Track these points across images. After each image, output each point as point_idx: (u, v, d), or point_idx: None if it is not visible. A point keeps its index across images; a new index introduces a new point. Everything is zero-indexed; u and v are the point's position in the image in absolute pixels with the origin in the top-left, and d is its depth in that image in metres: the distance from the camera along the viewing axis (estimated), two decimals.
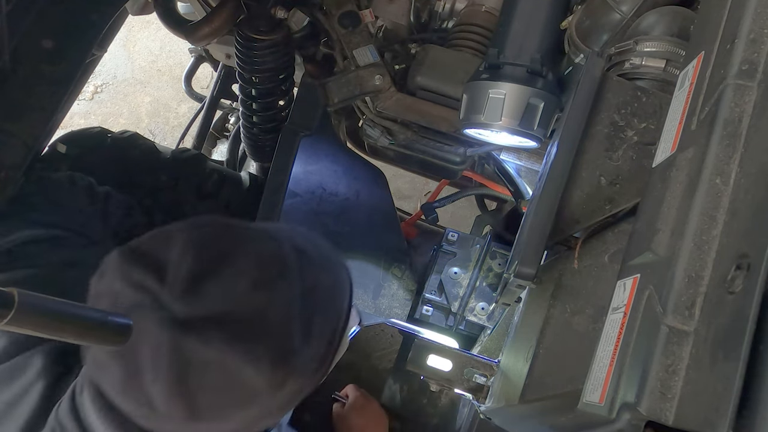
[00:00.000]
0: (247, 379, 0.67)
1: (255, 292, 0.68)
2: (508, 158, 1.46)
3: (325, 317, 0.75)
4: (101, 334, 0.78)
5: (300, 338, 0.70)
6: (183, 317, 0.65)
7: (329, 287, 0.77)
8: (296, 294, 0.71)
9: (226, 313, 0.66)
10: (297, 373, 0.70)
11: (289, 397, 0.72)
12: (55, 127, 1.12)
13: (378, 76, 1.35)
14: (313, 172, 1.51)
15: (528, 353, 0.78)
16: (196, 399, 0.66)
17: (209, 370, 0.65)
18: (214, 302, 0.66)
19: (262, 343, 0.67)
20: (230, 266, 0.68)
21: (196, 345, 0.64)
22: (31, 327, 0.63)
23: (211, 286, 0.67)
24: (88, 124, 2.90)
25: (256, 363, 0.66)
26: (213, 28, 1.32)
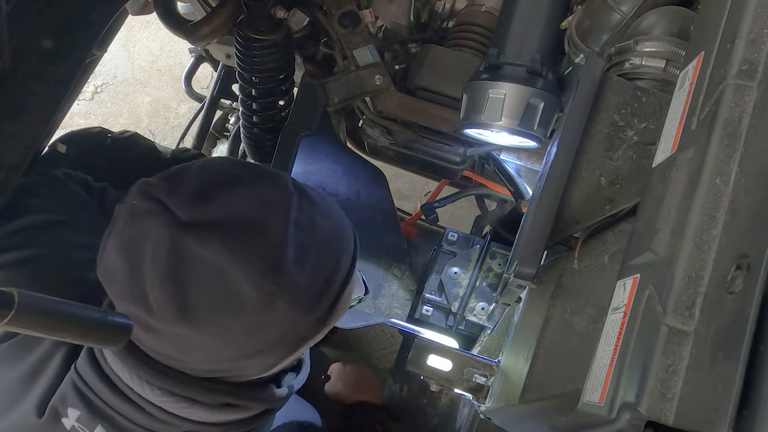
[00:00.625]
0: (236, 281, 0.69)
1: (256, 208, 0.74)
2: (508, 158, 1.47)
3: (321, 255, 0.77)
4: (101, 334, 0.79)
5: (292, 261, 0.72)
6: (185, 220, 0.70)
7: (327, 229, 0.79)
8: (293, 219, 0.74)
9: (227, 220, 0.71)
10: (288, 294, 0.72)
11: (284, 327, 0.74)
12: (55, 127, 1.12)
13: (378, 76, 1.35)
14: (313, 172, 1.51)
15: (528, 353, 0.78)
16: (186, 295, 0.69)
17: (201, 269, 0.69)
18: (216, 211, 0.71)
19: (253, 250, 0.70)
20: (237, 187, 0.75)
21: (193, 244, 0.69)
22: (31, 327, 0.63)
23: (216, 199, 0.72)
24: (88, 124, 2.90)
25: (246, 267, 0.69)
26: (213, 28, 1.32)
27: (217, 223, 0.70)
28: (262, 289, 0.70)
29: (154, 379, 0.76)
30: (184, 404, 0.78)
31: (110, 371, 0.78)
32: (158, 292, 0.69)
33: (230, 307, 0.70)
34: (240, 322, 0.71)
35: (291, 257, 0.72)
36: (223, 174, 0.77)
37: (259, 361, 0.77)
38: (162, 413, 0.79)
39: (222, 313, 0.70)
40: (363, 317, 1.50)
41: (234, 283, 0.69)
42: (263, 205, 0.74)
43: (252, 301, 0.70)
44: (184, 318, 0.69)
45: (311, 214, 0.77)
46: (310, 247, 0.75)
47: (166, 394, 0.77)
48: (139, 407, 0.79)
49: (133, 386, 0.78)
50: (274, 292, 0.71)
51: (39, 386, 0.81)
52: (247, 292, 0.70)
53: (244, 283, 0.69)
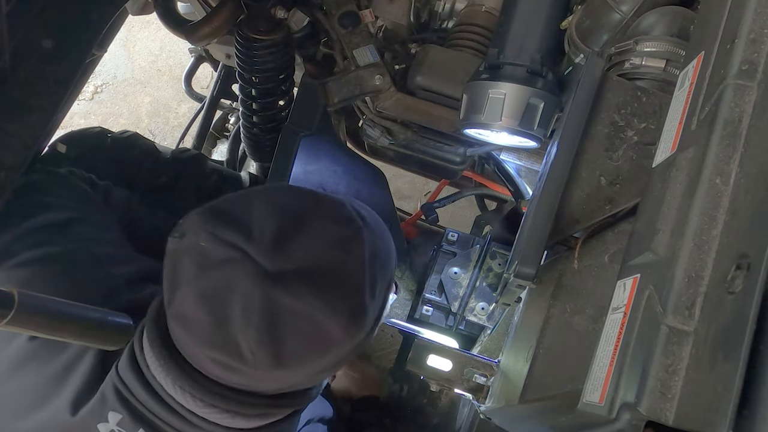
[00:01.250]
0: (328, 329, 0.72)
1: (334, 251, 0.75)
2: (508, 158, 1.46)
3: (383, 279, 0.80)
4: (101, 334, 0.79)
5: (369, 296, 0.76)
6: (272, 270, 0.70)
7: (385, 251, 0.82)
8: (367, 254, 0.76)
9: (311, 268, 0.72)
10: (366, 327, 0.76)
11: (354, 350, 0.77)
12: (55, 127, 1.12)
13: (378, 76, 1.35)
14: (313, 172, 1.51)
15: (528, 353, 0.78)
16: (282, 347, 0.70)
17: (297, 320, 0.70)
18: (300, 258, 0.72)
19: (342, 297, 0.73)
20: (310, 226, 0.75)
21: (285, 296, 0.70)
22: (31, 327, 0.63)
23: (296, 244, 0.73)
24: (88, 124, 2.90)
25: (337, 315, 0.72)
26: (213, 28, 1.32)
27: (303, 272, 0.72)
28: (349, 331, 0.74)
29: (199, 393, 0.77)
30: (226, 415, 0.80)
31: (152, 378, 0.79)
32: (254, 344, 0.70)
33: (320, 349, 0.74)
34: (325, 359, 0.75)
35: (367, 294, 0.76)
36: (293, 212, 0.76)
37: (322, 377, 0.82)
38: (204, 422, 0.80)
39: (312, 355, 0.74)
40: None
41: (325, 330, 0.72)
42: (340, 246, 0.76)
43: (338, 342, 0.74)
44: (280, 366, 0.72)
45: (374, 243, 0.79)
46: (378, 278, 0.78)
47: (209, 407, 0.79)
48: (181, 416, 0.80)
49: (175, 396, 0.79)
50: (357, 332, 0.75)
51: (71, 384, 0.82)
52: (336, 336, 0.73)
53: (334, 329, 0.72)
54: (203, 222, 0.74)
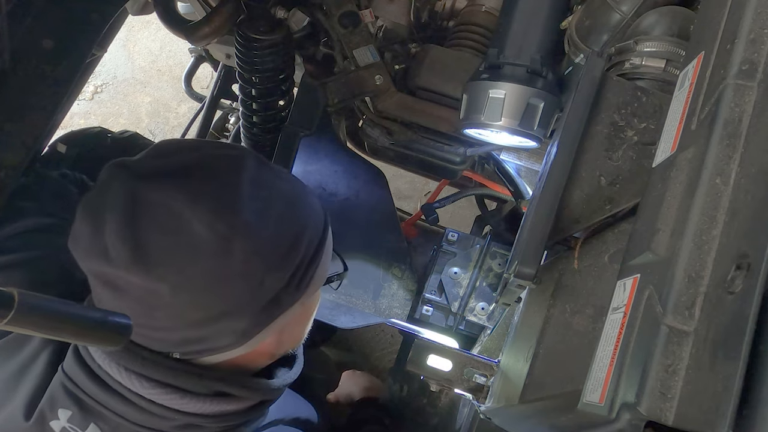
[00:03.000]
0: (188, 222, 0.69)
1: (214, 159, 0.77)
2: (508, 158, 1.47)
3: (284, 213, 0.77)
4: (101, 334, 0.78)
5: (249, 209, 0.72)
6: (143, 173, 0.73)
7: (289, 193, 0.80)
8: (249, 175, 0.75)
9: (181, 169, 0.73)
10: (246, 239, 0.71)
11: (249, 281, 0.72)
12: (55, 127, 1.12)
13: (378, 76, 1.35)
14: (313, 172, 1.51)
15: (528, 353, 0.78)
16: (141, 238, 0.69)
17: (156, 211, 0.70)
18: (173, 161, 0.75)
19: (207, 192, 0.72)
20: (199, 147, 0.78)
21: (148, 189, 0.71)
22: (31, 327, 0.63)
23: (176, 155, 0.76)
24: (88, 124, 2.90)
25: (198, 206, 0.70)
26: (213, 28, 1.32)
27: (173, 172, 0.73)
28: (215, 229, 0.69)
29: (137, 366, 0.75)
30: (175, 395, 0.77)
31: (98, 368, 0.78)
32: (114, 237, 0.69)
33: (185, 248, 0.69)
34: (197, 266, 0.70)
35: (247, 205, 0.73)
36: (181, 143, 0.81)
37: (229, 324, 0.74)
38: (154, 406, 0.78)
39: (177, 255, 0.69)
40: (363, 317, 1.50)
41: (187, 224, 0.69)
42: (222, 157, 0.77)
43: (206, 242, 0.69)
44: (140, 261, 0.69)
45: (270, 179, 0.78)
46: (271, 203, 0.76)
47: (156, 386, 0.76)
48: (131, 402, 0.78)
49: (122, 381, 0.77)
50: (228, 235, 0.70)
51: (25, 387, 0.81)
52: (200, 233, 0.69)
53: (196, 223, 0.69)
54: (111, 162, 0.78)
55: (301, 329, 0.89)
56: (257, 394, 0.84)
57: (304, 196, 0.82)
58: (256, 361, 0.85)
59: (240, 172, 0.75)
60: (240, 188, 0.73)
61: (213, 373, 0.79)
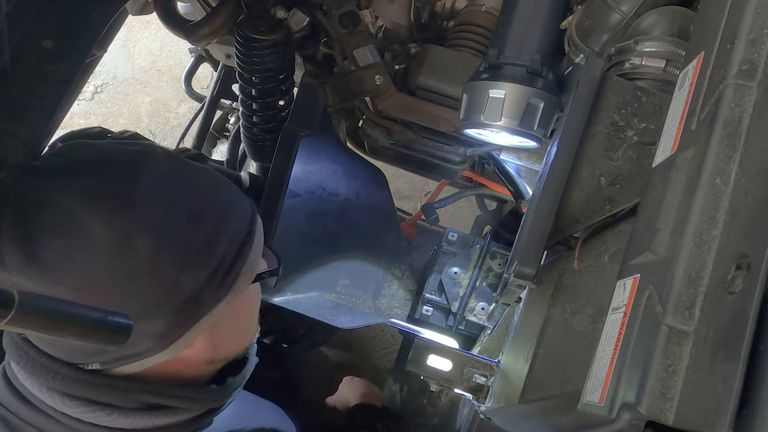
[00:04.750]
0: (81, 219, 0.65)
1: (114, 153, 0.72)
2: (508, 158, 1.46)
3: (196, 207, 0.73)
4: (101, 334, 0.78)
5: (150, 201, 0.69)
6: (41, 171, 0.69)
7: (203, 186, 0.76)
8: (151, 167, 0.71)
9: (76, 165, 0.69)
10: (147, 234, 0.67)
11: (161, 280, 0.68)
12: (55, 127, 1.12)
13: (378, 76, 1.35)
14: (313, 172, 1.51)
15: (528, 353, 0.78)
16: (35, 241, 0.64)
17: (48, 211, 0.65)
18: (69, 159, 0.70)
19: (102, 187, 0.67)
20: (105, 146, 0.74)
21: (40, 187, 0.66)
22: (30, 327, 0.63)
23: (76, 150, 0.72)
24: (88, 124, 2.90)
25: (91, 201, 0.66)
26: (213, 28, 1.32)
27: (67, 168, 0.69)
28: (113, 225, 0.65)
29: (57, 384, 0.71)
30: (101, 413, 0.72)
31: (23, 388, 0.74)
32: (7, 243, 0.64)
33: (82, 249, 0.65)
34: (97, 266, 0.66)
35: (150, 200, 0.69)
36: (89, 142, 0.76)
37: (145, 326, 0.68)
38: (82, 425, 0.73)
39: (75, 256, 0.65)
40: (363, 317, 1.50)
41: (82, 222, 0.65)
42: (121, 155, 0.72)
43: (104, 240, 0.65)
44: (35, 264, 0.64)
45: (181, 175, 0.75)
46: (180, 198, 0.72)
47: (79, 403, 0.71)
48: (58, 422, 0.73)
49: (45, 400, 0.72)
50: (127, 231, 0.66)
51: None
52: (97, 231, 0.65)
53: (92, 220, 0.65)
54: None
55: (238, 331, 0.83)
56: (197, 403, 0.78)
57: (223, 190, 0.78)
58: (191, 368, 0.79)
59: (142, 167, 0.71)
60: (141, 183, 0.69)
61: (140, 385, 0.73)
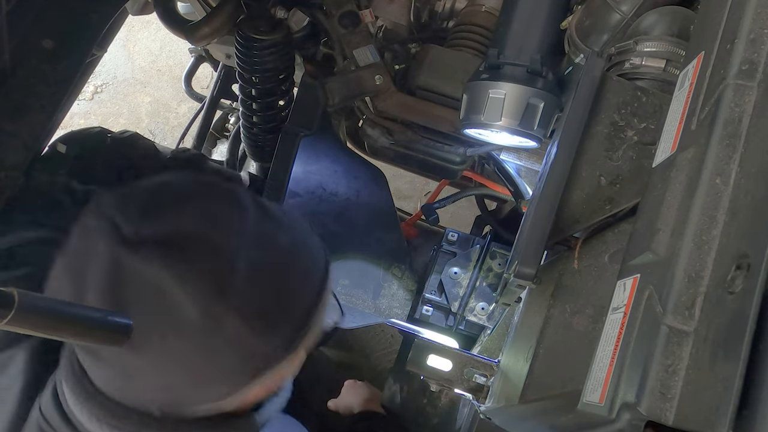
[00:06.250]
0: (177, 301, 0.65)
1: (205, 222, 0.69)
2: (508, 158, 1.46)
3: (279, 275, 0.71)
4: (101, 334, 0.78)
5: (243, 280, 0.67)
6: (129, 236, 0.66)
7: (288, 248, 0.74)
8: (246, 234, 0.69)
9: (170, 236, 0.67)
10: (238, 317, 0.67)
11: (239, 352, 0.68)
12: (55, 127, 1.12)
13: (378, 76, 1.35)
14: (313, 172, 1.51)
15: (528, 353, 0.78)
16: (126, 313, 0.64)
17: (141, 287, 0.65)
18: (162, 226, 0.67)
19: (197, 268, 0.66)
20: (188, 202, 0.71)
21: (134, 260, 0.65)
22: (30, 327, 0.63)
23: (165, 213, 0.69)
24: (88, 124, 2.90)
25: (188, 285, 0.65)
26: (213, 28, 1.32)
27: (161, 240, 0.66)
28: (206, 309, 0.65)
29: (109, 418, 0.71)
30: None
31: (70, 412, 0.74)
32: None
33: (172, 328, 0.65)
34: (183, 344, 0.66)
35: (242, 276, 0.67)
36: (177, 189, 0.73)
37: (216, 389, 0.71)
38: None
39: (163, 333, 0.66)
40: (363, 317, 1.50)
41: (175, 303, 0.65)
42: (213, 220, 0.69)
43: (196, 322, 0.65)
44: None
45: (271, 232, 0.72)
46: (266, 266, 0.70)
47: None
48: None
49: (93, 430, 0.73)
50: (219, 314, 0.66)
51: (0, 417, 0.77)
52: (189, 313, 0.65)
53: (185, 303, 0.65)
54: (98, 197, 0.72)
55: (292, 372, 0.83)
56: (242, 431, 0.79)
57: (303, 246, 0.76)
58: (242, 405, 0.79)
59: (236, 236, 0.69)
60: (235, 260, 0.67)
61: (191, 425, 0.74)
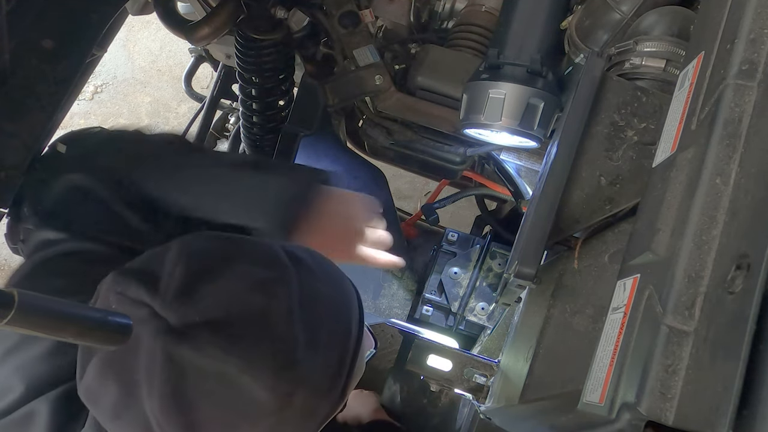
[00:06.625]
0: (247, 389, 0.61)
1: (252, 295, 0.64)
2: (508, 158, 1.46)
3: (330, 329, 0.69)
4: (101, 334, 0.78)
5: (304, 347, 0.65)
6: (176, 324, 0.61)
7: (331, 298, 0.72)
8: (296, 299, 0.66)
9: (221, 317, 0.62)
10: (305, 387, 0.65)
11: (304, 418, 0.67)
12: (55, 127, 1.12)
13: (378, 76, 1.35)
14: None
15: (528, 353, 0.78)
16: (193, 413, 0.61)
17: (204, 381, 0.61)
18: (208, 307, 0.62)
19: (261, 349, 0.62)
20: (225, 270, 0.65)
21: (190, 352, 0.60)
22: (30, 327, 0.63)
23: (205, 291, 0.63)
24: (88, 124, 2.90)
25: (255, 370, 0.61)
26: (213, 28, 1.32)
27: (211, 323, 0.62)
28: (277, 390, 0.62)
29: None
30: None
31: None
32: (159, 414, 0.61)
33: (244, 417, 0.63)
34: (256, 429, 0.64)
35: (302, 345, 0.65)
36: (205, 257, 0.67)
37: None
38: None
39: (236, 423, 0.63)
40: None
41: (245, 391, 0.61)
42: (260, 290, 0.65)
43: (266, 405, 0.62)
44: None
45: (312, 287, 0.69)
46: (319, 326, 0.67)
47: None
48: None
49: None
50: (290, 391, 0.63)
51: None
52: (261, 398, 0.62)
53: (256, 389, 0.61)
54: (113, 283, 0.66)
55: None
56: None
57: (343, 293, 0.74)
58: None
59: (289, 303, 0.65)
60: (293, 330, 0.64)
61: None
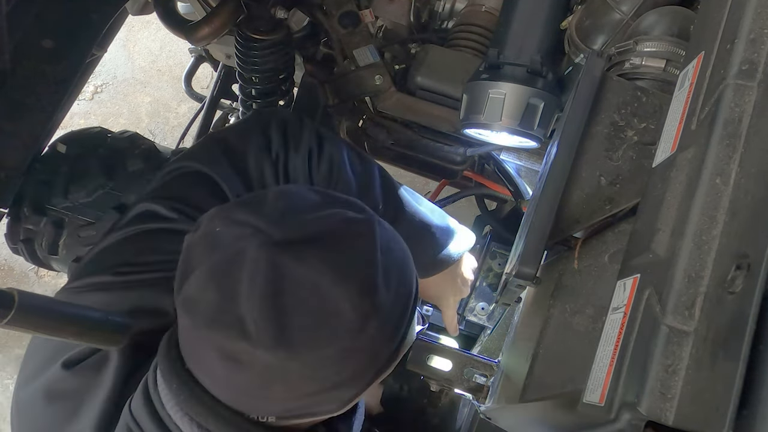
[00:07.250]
0: (334, 301, 0.66)
1: (347, 224, 0.72)
2: (508, 158, 1.47)
3: (398, 279, 0.74)
4: (101, 334, 0.78)
5: (382, 281, 0.70)
6: (280, 239, 0.67)
7: (400, 256, 0.77)
8: (378, 241, 0.72)
9: (319, 235, 0.69)
10: (378, 316, 0.69)
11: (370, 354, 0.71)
12: (55, 127, 1.12)
13: (378, 76, 1.35)
14: None
15: (528, 353, 0.78)
16: (286, 317, 0.66)
17: (301, 288, 0.66)
18: (309, 227, 0.70)
19: (352, 270, 0.68)
20: (322, 206, 0.74)
21: (292, 261, 0.66)
22: (30, 327, 0.63)
23: (306, 218, 0.71)
24: (88, 124, 2.90)
25: (346, 284, 0.67)
26: (213, 28, 1.32)
27: (312, 239, 0.68)
28: (360, 309, 0.67)
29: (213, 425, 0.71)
30: None
31: (167, 418, 0.74)
32: (257, 315, 0.65)
33: (328, 329, 0.67)
34: (334, 346, 0.68)
35: (381, 279, 0.70)
36: (305, 197, 0.75)
37: (338, 395, 0.72)
38: None
39: (319, 336, 0.67)
40: None
41: (333, 304, 0.66)
42: (351, 224, 0.72)
43: (349, 322, 0.67)
44: (282, 342, 0.66)
45: (389, 240, 0.75)
46: (392, 270, 0.72)
47: None
48: None
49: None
50: (369, 314, 0.68)
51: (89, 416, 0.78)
52: (345, 312, 0.67)
53: (343, 303, 0.66)
54: (219, 210, 0.73)
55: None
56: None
57: (407, 258, 0.79)
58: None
59: (373, 240, 0.72)
60: (376, 262, 0.70)
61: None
